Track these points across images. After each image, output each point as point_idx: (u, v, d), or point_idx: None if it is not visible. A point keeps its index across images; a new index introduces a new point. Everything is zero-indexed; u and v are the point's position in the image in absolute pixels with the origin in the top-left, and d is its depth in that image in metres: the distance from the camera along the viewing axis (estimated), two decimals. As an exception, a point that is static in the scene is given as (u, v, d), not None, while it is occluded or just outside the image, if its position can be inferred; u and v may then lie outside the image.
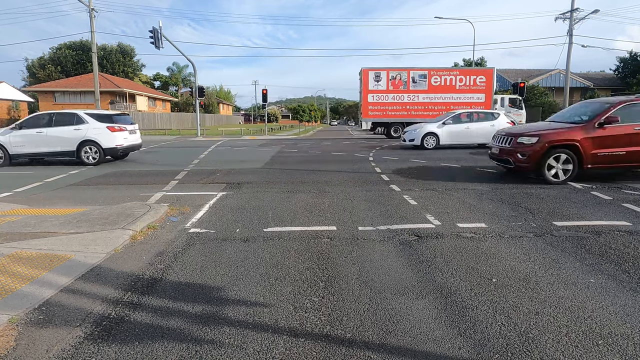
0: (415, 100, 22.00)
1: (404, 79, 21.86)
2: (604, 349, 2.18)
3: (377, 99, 22.17)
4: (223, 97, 73.31)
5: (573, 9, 25.71)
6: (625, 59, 37.94)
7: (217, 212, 5.40)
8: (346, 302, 2.75)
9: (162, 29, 21.81)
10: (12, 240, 4.03)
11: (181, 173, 9.20)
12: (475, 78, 21.94)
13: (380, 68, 22.07)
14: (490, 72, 22.18)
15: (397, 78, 21.92)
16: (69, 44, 48.74)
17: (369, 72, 21.92)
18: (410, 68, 21.92)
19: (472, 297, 2.80)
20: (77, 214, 5.01)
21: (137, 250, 3.89)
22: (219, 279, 3.18)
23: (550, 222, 4.67)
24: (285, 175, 8.84)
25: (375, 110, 22.35)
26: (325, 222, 4.82)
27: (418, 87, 21.89)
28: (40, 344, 2.26)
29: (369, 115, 22.43)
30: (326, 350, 2.19)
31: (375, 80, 21.97)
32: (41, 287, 2.94)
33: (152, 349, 2.21)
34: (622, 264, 3.40)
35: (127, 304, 2.75)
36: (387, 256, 3.64)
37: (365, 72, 21.90)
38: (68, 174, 9.49)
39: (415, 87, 21.90)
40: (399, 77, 21.92)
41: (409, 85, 21.90)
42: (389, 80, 21.95)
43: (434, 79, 21.88)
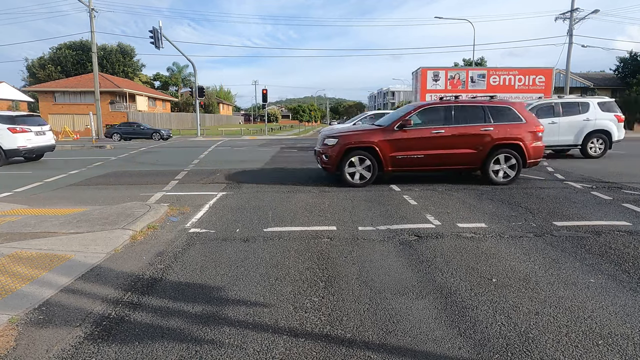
0: None
1: (463, 78, 21.85)
2: (604, 349, 2.17)
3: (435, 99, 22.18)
4: (223, 97, 73.31)
5: (573, 9, 25.71)
6: (625, 59, 37.91)
7: (217, 212, 5.40)
8: (346, 302, 2.75)
9: (162, 29, 21.82)
10: (12, 240, 4.03)
11: (181, 173, 9.21)
12: (535, 78, 21.82)
13: (439, 67, 22.16)
14: (549, 72, 22.06)
15: (455, 78, 21.92)
16: (69, 44, 48.74)
17: (428, 71, 21.91)
18: (470, 68, 22.15)
19: (472, 297, 2.80)
20: (77, 214, 5.01)
21: (137, 250, 3.89)
22: (219, 279, 3.18)
23: (550, 222, 4.67)
24: (285, 175, 8.84)
25: None
26: (325, 222, 4.82)
27: (477, 87, 21.81)
28: (40, 344, 2.26)
29: None
30: (326, 350, 2.19)
31: (434, 79, 21.95)
32: (41, 287, 2.94)
33: (152, 349, 2.21)
34: (622, 264, 3.40)
35: (127, 304, 2.75)
36: (387, 256, 3.64)
37: (424, 72, 21.90)
38: (68, 174, 9.49)
39: (473, 87, 21.82)
40: (458, 76, 21.93)
41: (467, 85, 21.84)
42: (447, 80, 21.91)
43: (492, 79, 21.83)
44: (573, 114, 11.18)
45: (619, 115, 11.39)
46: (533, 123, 7.26)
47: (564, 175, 8.14)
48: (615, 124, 11.25)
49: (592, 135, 11.22)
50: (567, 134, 11.19)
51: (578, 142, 11.24)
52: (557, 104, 11.32)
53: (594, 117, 11.14)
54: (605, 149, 11.31)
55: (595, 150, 11.30)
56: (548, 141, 11.11)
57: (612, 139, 11.26)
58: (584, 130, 11.16)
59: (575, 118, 11.14)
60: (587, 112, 11.18)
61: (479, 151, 7.06)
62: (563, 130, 11.14)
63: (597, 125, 11.15)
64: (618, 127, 11.32)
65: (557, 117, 11.12)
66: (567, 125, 11.13)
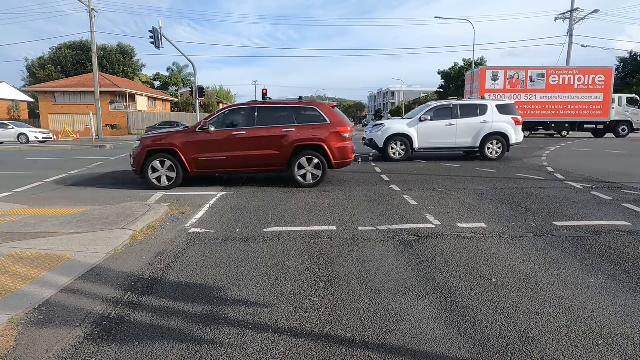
0: (533, 100, 21.92)
1: (522, 78, 21.84)
2: (604, 349, 2.17)
3: None
4: (223, 97, 73.27)
5: (573, 9, 25.73)
6: (625, 59, 37.95)
7: (217, 212, 5.40)
8: (346, 302, 2.75)
9: (162, 29, 21.80)
10: (12, 240, 4.03)
11: (181, 173, 9.19)
12: (595, 77, 21.75)
13: (498, 67, 22.22)
14: (609, 72, 22.02)
15: (514, 77, 21.95)
16: (69, 44, 48.72)
17: (487, 71, 22.01)
18: (529, 67, 21.96)
19: (472, 297, 2.79)
20: (77, 214, 5.01)
21: (137, 250, 3.89)
22: (219, 279, 3.18)
23: (550, 222, 4.67)
24: (285, 174, 8.83)
25: None
26: (325, 222, 4.82)
27: (535, 87, 21.81)
28: (40, 344, 2.26)
29: None
30: (326, 350, 2.19)
31: (493, 79, 22.00)
32: (41, 287, 2.94)
33: (152, 349, 2.21)
34: (622, 264, 3.40)
35: (127, 304, 2.75)
36: (387, 256, 3.64)
37: (483, 72, 21.99)
38: (68, 174, 9.49)
39: (532, 87, 21.83)
40: (517, 76, 21.94)
41: (526, 84, 21.84)
42: (506, 80, 21.95)
43: (552, 78, 21.81)
44: (471, 116, 11.05)
45: (516, 118, 11.25)
46: (338, 124, 7.16)
47: (564, 175, 8.14)
48: (512, 127, 11.12)
49: (489, 137, 11.09)
50: (465, 136, 11.08)
51: (476, 144, 11.11)
52: (455, 105, 11.23)
53: (492, 120, 11.02)
54: (503, 151, 11.16)
55: (493, 153, 11.16)
56: (445, 143, 11.20)
57: (510, 142, 11.12)
58: (481, 132, 11.02)
59: (473, 120, 11.02)
60: (485, 114, 11.06)
61: (282, 153, 7.04)
62: (461, 132, 11.04)
63: (494, 127, 11.03)
64: (516, 129, 11.17)
65: (455, 119, 11.03)
66: (464, 127, 11.02)
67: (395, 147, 11.20)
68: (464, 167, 9.84)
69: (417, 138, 11.11)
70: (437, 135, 11.07)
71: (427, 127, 11.06)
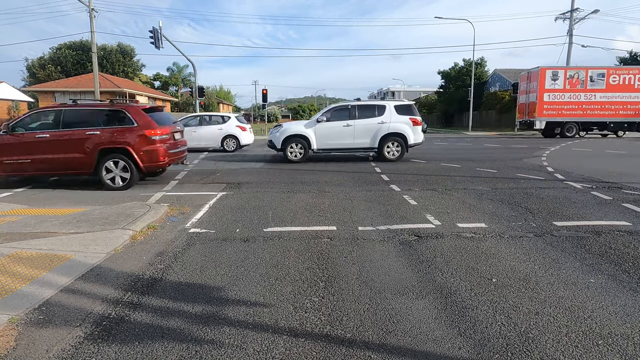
0: (592, 100, 21.85)
1: (582, 77, 21.79)
2: (604, 349, 2.17)
3: (553, 98, 22.12)
4: (223, 97, 73.28)
5: (573, 9, 25.73)
6: (625, 59, 37.88)
7: (217, 212, 5.40)
8: (346, 302, 2.75)
9: (162, 29, 21.79)
10: (12, 240, 4.03)
11: (181, 173, 9.21)
12: None
13: (558, 67, 22.20)
14: None
15: (574, 77, 21.91)
16: (69, 44, 48.69)
17: (547, 70, 21.94)
18: (589, 67, 21.93)
19: (472, 297, 2.79)
20: (77, 214, 5.01)
21: (137, 250, 3.89)
22: (219, 279, 3.18)
23: (550, 222, 4.67)
24: (285, 175, 8.84)
25: (550, 110, 22.19)
26: (325, 222, 4.82)
27: (595, 86, 21.74)
28: (40, 344, 2.26)
29: (544, 115, 22.24)
30: (326, 350, 2.19)
31: (552, 79, 21.96)
32: (41, 287, 2.94)
33: (152, 349, 2.21)
34: (622, 264, 3.40)
35: (127, 304, 2.75)
36: (387, 256, 3.64)
37: (543, 71, 21.91)
38: (68, 174, 9.48)
39: (592, 86, 21.76)
40: (577, 75, 21.91)
41: (586, 84, 21.77)
42: (566, 79, 21.90)
43: (612, 78, 21.76)
44: (369, 117, 11.01)
45: (415, 118, 11.16)
46: (145, 126, 7.04)
47: (564, 175, 8.14)
48: (410, 128, 11.05)
49: (387, 138, 11.06)
50: (363, 137, 11.04)
51: (374, 144, 11.08)
52: (353, 107, 11.22)
53: (389, 121, 10.97)
54: (402, 152, 11.16)
55: (392, 154, 11.13)
56: (343, 144, 11.18)
57: (408, 143, 11.07)
58: (379, 133, 10.97)
59: (371, 121, 10.98)
60: (383, 115, 11.00)
61: (88, 156, 7.00)
62: (358, 133, 11.00)
63: (392, 128, 10.98)
64: (414, 130, 11.09)
65: (353, 119, 11.00)
66: (362, 128, 10.99)
67: (294, 148, 11.15)
68: (464, 167, 9.84)
69: (315, 139, 11.08)
70: (335, 136, 11.05)
71: (324, 128, 11.05)
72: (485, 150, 14.84)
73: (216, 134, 15.16)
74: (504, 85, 39.77)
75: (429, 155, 12.93)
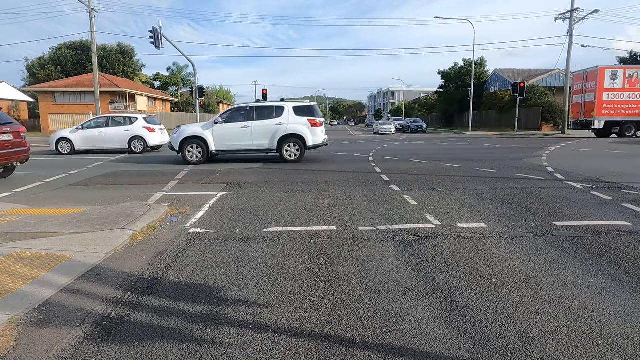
0: None
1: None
2: (604, 349, 2.17)
3: (612, 98, 22.09)
4: (223, 97, 73.28)
5: (573, 9, 25.71)
6: (625, 59, 37.91)
7: (217, 212, 5.40)
8: (346, 302, 2.75)
9: (162, 29, 21.79)
10: (12, 240, 4.03)
11: (181, 173, 9.21)
12: None
13: (617, 66, 22.29)
14: None
15: (634, 76, 21.93)
16: (69, 44, 48.67)
17: (606, 70, 21.91)
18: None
19: (472, 297, 2.79)
20: (77, 214, 5.01)
21: (137, 250, 3.89)
22: (219, 279, 3.18)
23: (550, 222, 4.67)
24: (285, 175, 8.84)
25: (609, 109, 22.13)
26: (325, 222, 4.82)
27: None
28: (40, 344, 2.26)
29: (602, 114, 22.17)
30: (326, 350, 2.19)
31: (612, 78, 21.94)
32: (41, 287, 2.94)
33: (152, 349, 2.21)
34: (622, 264, 3.39)
35: (127, 304, 2.75)
36: (387, 256, 3.64)
37: (602, 71, 21.87)
38: (68, 174, 9.49)
39: None
40: (636, 75, 21.93)
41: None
42: (625, 79, 21.89)
43: None
44: (267, 118, 11.05)
45: (313, 120, 11.11)
46: None
47: (564, 175, 8.14)
48: (309, 129, 11.03)
49: (286, 139, 11.06)
50: (261, 138, 11.04)
51: (273, 146, 11.06)
52: (251, 108, 11.22)
53: (287, 122, 10.98)
54: (301, 153, 11.13)
55: (291, 155, 11.11)
56: (242, 145, 11.14)
57: (307, 144, 11.05)
58: (277, 134, 10.99)
59: (269, 122, 11.01)
60: (281, 116, 11.02)
61: None
62: (257, 135, 11.01)
63: (290, 130, 10.99)
64: (313, 131, 11.06)
65: (251, 121, 11.00)
66: (260, 130, 11.00)
67: (192, 150, 11.08)
68: (464, 167, 9.84)
69: (213, 141, 11.05)
70: (233, 137, 11.04)
71: (222, 130, 11.03)
72: (485, 150, 14.84)
73: (123, 135, 15.04)
74: (504, 85, 39.77)
75: (429, 155, 12.93)
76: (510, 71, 42.33)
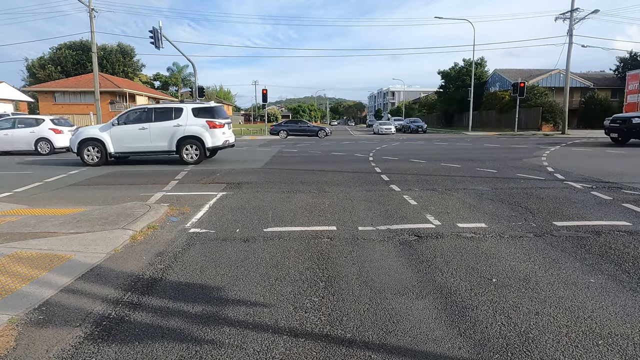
0: None
1: None
2: (604, 349, 2.17)
3: None
4: (223, 97, 73.29)
5: (573, 9, 25.70)
6: (625, 59, 37.93)
7: (217, 212, 5.40)
8: (346, 302, 2.75)
9: (162, 29, 21.80)
10: (12, 240, 4.03)
11: (181, 173, 9.21)
12: None
13: None
14: None
15: None
16: (69, 44, 48.71)
17: None
18: None
19: (472, 297, 2.79)
20: (77, 214, 5.01)
21: (137, 250, 3.89)
22: (219, 279, 3.18)
23: (550, 222, 4.67)
24: (285, 175, 8.84)
25: None
26: (325, 222, 4.82)
27: None
28: (40, 344, 2.26)
29: None
30: (326, 350, 2.19)
31: None
32: (41, 287, 2.94)
33: (152, 349, 2.21)
34: (622, 264, 3.39)
35: (127, 304, 2.75)
36: (387, 256, 3.64)
37: None
38: (68, 174, 9.49)
39: None
40: None
41: None
42: None
43: None
44: (165, 120, 10.92)
45: (212, 121, 11.01)
46: None
47: (564, 175, 8.14)
48: (207, 131, 10.92)
49: (184, 141, 10.93)
50: (159, 140, 10.92)
51: (172, 147, 10.94)
52: (149, 109, 11.13)
53: (185, 123, 10.88)
54: (201, 155, 11.00)
55: (192, 157, 10.99)
56: (141, 147, 11.03)
57: (206, 146, 10.93)
58: (175, 136, 10.87)
59: (167, 124, 10.89)
60: (179, 118, 10.91)
61: None
62: (155, 136, 10.89)
63: (188, 131, 10.88)
64: (211, 133, 10.96)
65: (149, 122, 10.87)
66: (158, 131, 10.87)
67: (91, 152, 10.97)
68: (464, 167, 9.84)
69: (111, 142, 10.94)
70: (132, 139, 10.92)
71: (120, 132, 10.92)
72: (485, 150, 14.84)
73: (29, 137, 14.95)
74: (504, 85, 39.77)
75: (429, 155, 12.93)
76: (510, 71, 42.32)
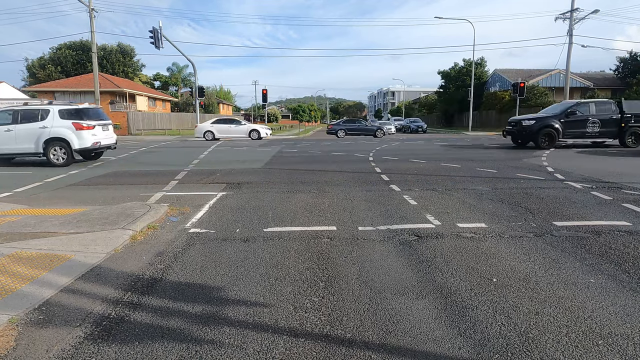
0: None
1: None
2: (604, 349, 2.17)
3: None
4: (223, 97, 73.29)
5: (573, 9, 25.71)
6: (625, 59, 37.92)
7: (217, 212, 5.40)
8: (346, 302, 2.75)
9: (162, 29, 21.81)
10: (12, 240, 4.03)
11: (181, 173, 9.21)
12: None
13: None
14: None
15: None
16: (69, 44, 48.67)
17: None
18: None
19: (472, 297, 2.79)
20: (77, 214, 5.01)
21: (137, 250, 3.89)
22: (219, 279, 3.18)
23: (550, 222, 4.67)
24: (285, 175, 8.84)
25: None
26: (325, 222, 4.82)
27: None
28: (40, 344, 2.26)
29: None
30: (326, 350, 2.19)
31: None
32: (41, 287, 2.94)
33: (152, 349, 2.21)
34: (622, 264, 3.40)
35: (127, 304, 2.75)
36: (387, 256, 3.64)
37: None
38: (68, 174, 9.49)
39: None
40: None
41: None
42: None
43: None
44: (31, 121, 10.70)
45: (78, 123, 10.81)
46: None
47: (564, 175, 8.14)
48: (73, 132, 10.72)
49: (51, 143, 10.71)
50: (25, 142, 10.71)
51: (38, 150, 10.73)
52: (16, 111, 10.90)
53: (51, 125, 10.67)
54: (68, 157, 10.80)
55: (59, 159, 10.81)
56: (6, 149, 10.84)
57: (73, 147, 10.72)
58: (41, 138, 10.65)
59: (33, 125, 10.66)
60: (46, 119, 10.70)
61: None
62: (21, 138, 10.68)
63: (54, 133, 10.67)
64: (78, 135, 10.75)
65: (15, 124, 10.68)
66: (24, 133, 10.66)
67: None
68: (464, 167, 9.84)
69: None
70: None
71: None
72: (485, 150, 14.84)
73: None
74: (504, 85, 39.77)
75: (429, 155, 12.94)
76: (510, 71, 42.33)
